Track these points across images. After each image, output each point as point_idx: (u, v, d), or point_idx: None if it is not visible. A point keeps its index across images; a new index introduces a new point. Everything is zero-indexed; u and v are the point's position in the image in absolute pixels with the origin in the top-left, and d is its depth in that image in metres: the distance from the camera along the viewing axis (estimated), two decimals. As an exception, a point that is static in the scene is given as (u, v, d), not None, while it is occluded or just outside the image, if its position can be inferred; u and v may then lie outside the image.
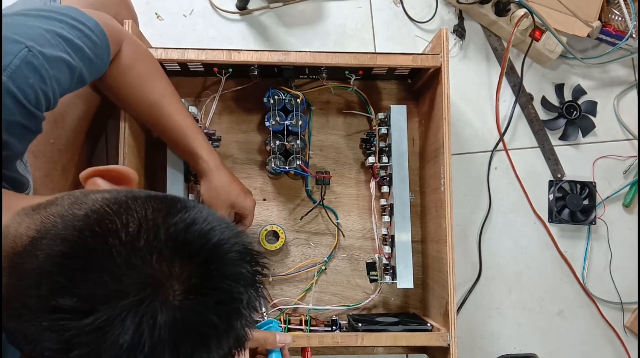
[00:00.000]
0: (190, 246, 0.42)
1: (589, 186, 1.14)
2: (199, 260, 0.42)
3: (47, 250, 0.41)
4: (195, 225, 0.43)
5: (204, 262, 0.42)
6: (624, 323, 1.14)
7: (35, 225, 0.44)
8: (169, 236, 0.41)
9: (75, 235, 0.41)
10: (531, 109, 1.17)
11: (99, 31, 0.67)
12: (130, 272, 0.39)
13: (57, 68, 0.59)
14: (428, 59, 0.93)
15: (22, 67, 0.54)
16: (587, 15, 1.12)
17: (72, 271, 0.40)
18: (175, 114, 0.83)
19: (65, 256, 0.40)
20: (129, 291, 0.39)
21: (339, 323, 0.98)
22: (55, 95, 0.59)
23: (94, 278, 0.39)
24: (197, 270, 0.41)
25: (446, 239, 0.89)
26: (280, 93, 0.96)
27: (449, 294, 0.88)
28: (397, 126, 0.96)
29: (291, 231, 1.04)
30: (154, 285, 0.40)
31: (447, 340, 0.88)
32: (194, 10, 1.14)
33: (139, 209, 0.43)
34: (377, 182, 1.02)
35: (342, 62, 0.92)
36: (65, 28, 0.62)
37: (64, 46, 0.61)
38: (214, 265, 0.43)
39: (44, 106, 0.58)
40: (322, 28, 1.16)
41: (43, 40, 0.58)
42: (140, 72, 0.79)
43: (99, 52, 0.68)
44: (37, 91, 0.56)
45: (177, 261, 0.41)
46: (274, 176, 1.04)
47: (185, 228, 0.43)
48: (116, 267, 0.39)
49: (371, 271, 0.98)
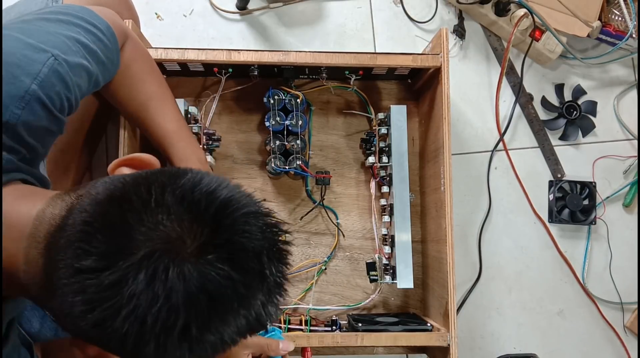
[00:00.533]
0: (198, 204, 0.43)
1: (589, 186, 1.14)
2: (208, 217, 0.43)
3: (72, 223, 0.44)
4: (200, 184, 0.45)
5: (212, 218, 0.43)
6: (624, 323, 1.14)
7: (67, 204, 0.47)
8: (176, 196, 0.43)
9: (95, 205, 0.44)
10: (531, 109, 1.17)
11: (110, 34, 0.69)
12: (142, 228, 0.42)
13: (79, 74, 0.62)
14: (428, 59, 0.93)
15: (50, 75, 0.57)
16: (587, 15, 1.12)
17: (91, 236, 0.42)
18: (159, 117, 0.82)
19: (86, 224, 0.43)
20: (140, 246, 0.41)
21: (339, 323, 0.98)
22: (77, 100, 0.62)
23: (108, 239, 0.42)
24: (208, 227, 0.43)
25: (446, 239, 0.89)
26: (280, 93, 0.96)
27: (449, 294, 0.88)
28: (397, 126, 0.96)
29: (291, 231, 1.04)
30: (165, 241, 0.41)
31: (447, 340, 0.88)
32: (194, 10, 1.14)
33: (151, 178, 0.46)
34: (377, 182, 1.02)
35: (342, 62, 0.92)
36: (82, 33, 0.64)
37: (83, 52, 0.63)
38: (224, 221, 0.44)
39: (66, 111, 0.61)
40: (322, 28, 1.16)
41: (66, 48, 0.60)
42: (134, 73, 0.78)
43: (110, 56, 0.70)
44: (62, 97, 0.59)
45: (186, 219, 0.43)
46: (274, 176, 1.04)
47: (192, 187, 0.44)
48: (128, 226, 0.42)
49: (371, 271, 0.98)
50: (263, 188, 1.04)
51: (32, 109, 0.55)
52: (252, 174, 1.04)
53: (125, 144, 0.88)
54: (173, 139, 0.83)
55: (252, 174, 1.04)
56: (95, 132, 0.99)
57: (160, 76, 0.84)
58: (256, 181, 1.04)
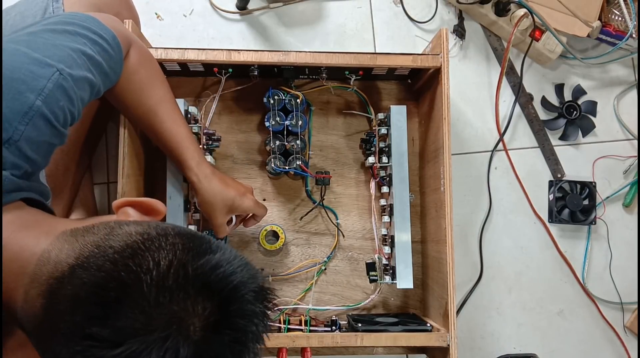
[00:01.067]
0: (213, 287, 0.46)
1: (589, 186, 1.14)
2: (219, 299, 0.46)
3: (84, 278, 0.45)
4: (220, 268, 0.47)
5: (223, 302, 0.46)
6: (624, 323, 1.14)
7: (74, 252, 0.48)
8: (196, 277, 0.45)
9: (111, 268, 0.45)
10: (531, 109, 1.17)
11: (115, 44, 0.69)
12: (159, 309, 0.43)
13: (82, 88, 0.62)
14: (428, 59, 0.93)
15: (55, 90, 0.57)
16: (587, 15, 1.12)
17: (106, 303, 0.43)
18: (169, 121, 0.83)
19: (100, 287, 0.44)
20: (156, 327, 0.42)
21: (338, 324, 0.98)
22: (79, 112, 0.63)
23: (126, 313, 0.42)
24: (216, 309, 0.45)
25: (446, 239, 0.89)
26: (280, 93, 0.96)
27: (448, 294, 0.88)
28: (397, 126, 0.96)
29: (291, 231, 1.04)
30: (178, 322, 0.43)
31: (447, 341, 0.88)
32: (194, 10, 1.14)
33: (169, 248, 0.47)
34: (377, 182, 1.02)
35: (342, 63, 0.92)
36: (88, 44, 0.64)
37: (88, 64, 0.63)
38: (232, 305, 0.46)
39: (69, 123, 0.62)
40: (322, 28, 1.16)
41: (71, 61, 0.60)
42: (142, 78, 0.79)
43: (114, 66, 0.71)
44: (65, 111, 0.60)
45: (200, 300, 0.44)
46: (273, 176, 1.04)
47: (211, 270, 0.46)
48: (146, 303, 0.43)
49: (371, 271, 0.98)
50: (263, 188, 1.04)
51: (35, 124, 0.55)
52: (252, 174, 1.04)
53: (126, 143, 0.88)
54: (186, 142, 0.84)
55: (252, 175, 1.04)
56: (95, 132, 0.99)
57: (164, 78, 0.85)
58: (256, 181, 1.04)
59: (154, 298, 0.43)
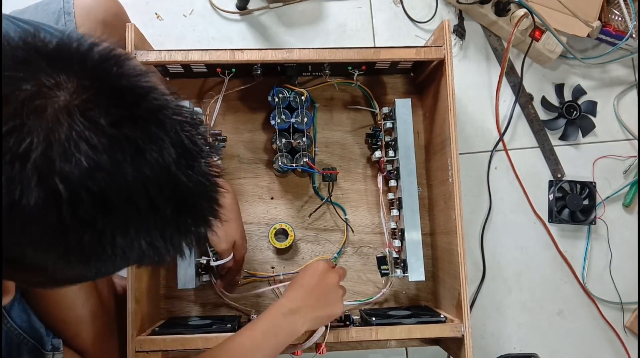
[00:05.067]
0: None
1: (589, 186, 1.15)
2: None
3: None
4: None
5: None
6: (624, 323, 1.14)
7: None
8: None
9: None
10: (531, 109, 1.17)
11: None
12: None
13: None
14: (431, 51, 0.92)
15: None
16: (587, 15, 1.12)
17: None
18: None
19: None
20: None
21: (352, 319, 0.97)
22: None
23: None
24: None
25: (456, 230, 0.89)
26: (285, 91, 0.96)
27: (461, 285, 0.87)
28: (402, 120, 0.96)
29: (300, 228, 1.03)
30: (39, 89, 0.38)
31: (462, 331, 0.87)
32: (194, 10, 1.14)
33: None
34: (384, 176, 1.02)
35: (346, 58, 0.91)
36: None
37: None
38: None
39: None
40: (322, 28, 1.16)
41: None
42: None
43: None
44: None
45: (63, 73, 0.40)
46: (281, 175, 1.04)
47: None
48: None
49: (382, 265, 0.97)
50: (270, 187, 1.04)
51: None
52: (259, 173, 1.04)
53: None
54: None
55: (259, 174, 1.04)
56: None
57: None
58: (263, 180, 1.04)
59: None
